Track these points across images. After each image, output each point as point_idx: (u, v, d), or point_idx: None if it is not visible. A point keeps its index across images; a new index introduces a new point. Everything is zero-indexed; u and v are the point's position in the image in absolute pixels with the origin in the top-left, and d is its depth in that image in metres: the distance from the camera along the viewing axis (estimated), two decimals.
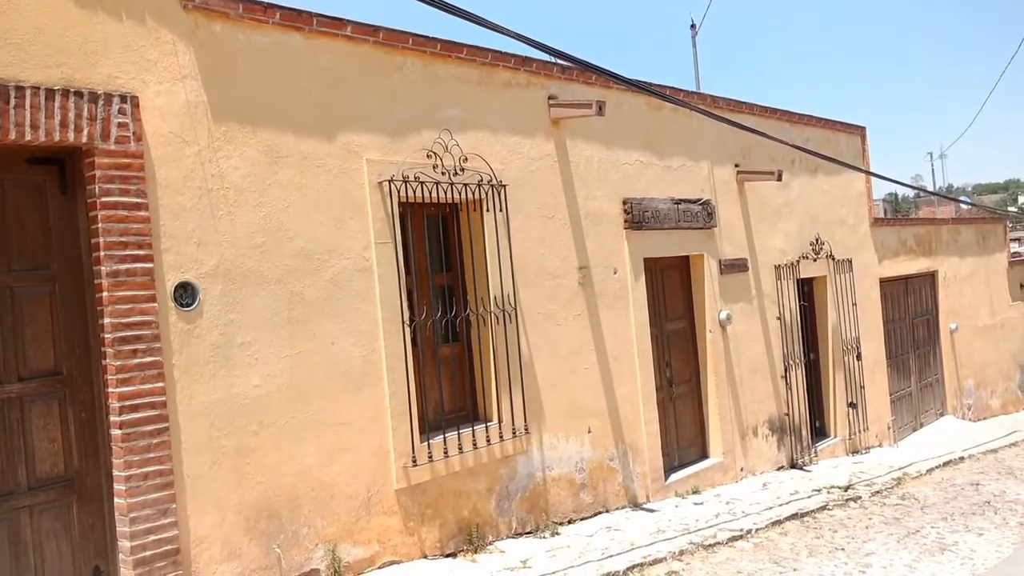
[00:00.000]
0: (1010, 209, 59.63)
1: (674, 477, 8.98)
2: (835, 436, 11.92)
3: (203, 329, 5.20)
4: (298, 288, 5.70)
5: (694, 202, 9.38)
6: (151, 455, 4.88)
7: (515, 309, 7.15)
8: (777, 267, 10.82)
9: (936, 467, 11.42)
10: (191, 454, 5.09)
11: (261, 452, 5.43)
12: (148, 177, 4.98)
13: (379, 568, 6.02)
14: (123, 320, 4.81)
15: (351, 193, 6.07)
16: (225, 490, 5.24)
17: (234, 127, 5.42)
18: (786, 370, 10.78)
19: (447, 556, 6.48)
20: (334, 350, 5.89)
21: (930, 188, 37.67)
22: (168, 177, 5.09)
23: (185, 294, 5.12)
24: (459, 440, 6.62)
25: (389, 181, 6.24)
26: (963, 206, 30.24)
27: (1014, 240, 28.05)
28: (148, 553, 4.81)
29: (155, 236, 5.00)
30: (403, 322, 6.28)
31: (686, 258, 9.62)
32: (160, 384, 4.95)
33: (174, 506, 4.96)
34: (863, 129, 13.45)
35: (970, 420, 16.30)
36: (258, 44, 5.60)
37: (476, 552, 6.59)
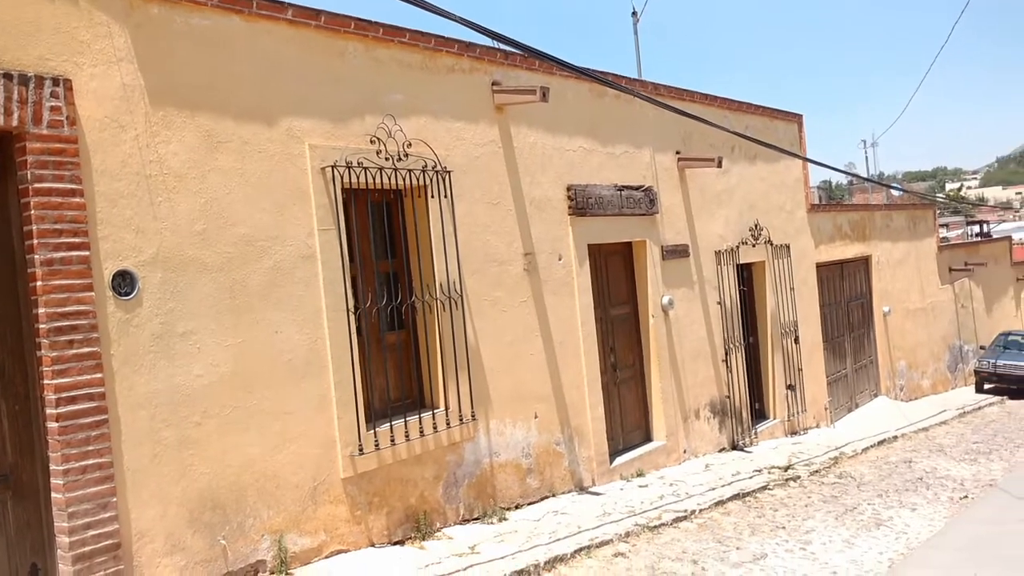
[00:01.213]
0: (938, 196, 61.46)
1: (619, 460, 9.08)
2: (774, 418, 12.18)
3: (143, 318, 5.08)
4: (240, 276, 5.60)
5: (636, 189, 9.46)
6: (90, 448, 4.76)
7: (461, 295, 7.13)
8: (717, 253, 10.98)
9: (871, 446, 11.75)
10: (132, 446, 4.98)
11: (204, 443, 5.33)
12: (83, 162, 4.84)
13: (326, 557, 5.97)
14: (58, 310, 4.67)
15: (293, 179, 5.98)
16: (167, 482, 5.14)
17: (172, 112, 5.29)
18: (727, 354, 10.97)
19: (395, 544, 6.46)
20: (278, 339, 5.81)
21: (863, 175, 38.57)
22: (104, 163, 4.95)
23: (123, 282, 4.99)
24: (406, 428, 6.60)
25: (332, 167, 6.17)
26: (894, 193, 31.07)
27: (942, 226, 28.95)
28: (87, 548, 4.70)
29: (91, 223, 4.86)
30: (348, 309, 6.22)
31: (629, 244, 9.70)
32: (98, 375, 4.82)
33: (114, 499, 4.84)
34: (800, 117, 13.72)
35: (902, 400, 16.81)
36: (196, 27, 5.46)
37: (424, 539, 6.58)
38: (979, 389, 19.43)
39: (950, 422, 14.68)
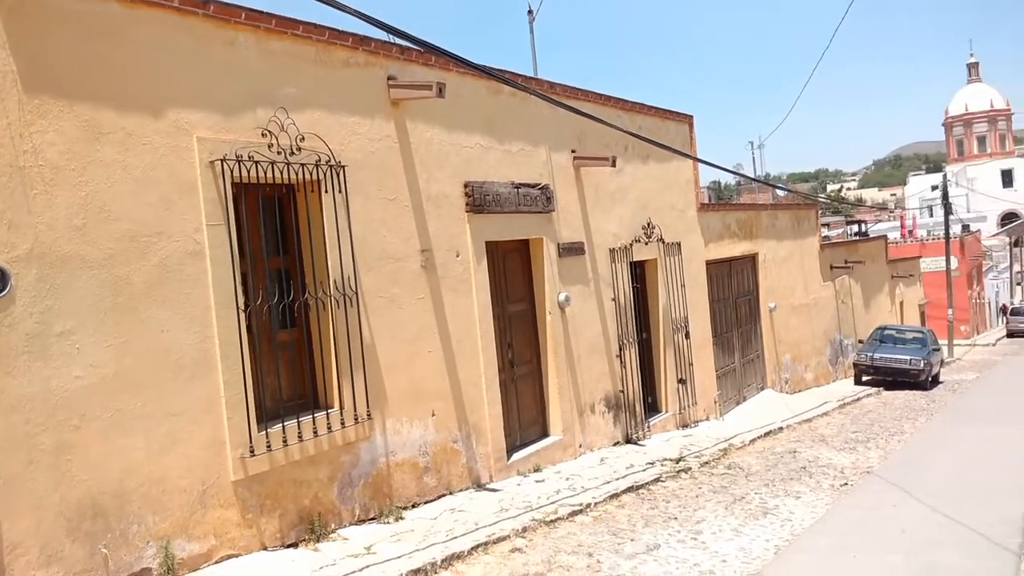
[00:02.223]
0: (820, 197, 64.13)
1: (516, 456, 9.13)
2: (666, 411, 12.47)
3: (15, 318, 4.81)
4: (124, 272, 5.38)
5: (533, 186, 9.53)
6: None
7: (356, 293, 7.03)
8: (612, 250, 11.17)
9: (758, 437, 12.17)
10: (3, 453, 4.72)
11: (84, 448, 5.09)
12: None
13: (216, 563, 5.80)
14: None
15: (180, 172, 5.77)
16: (44, 490, 4.89)
17: (48, 100, 5.03)
18: (621, 349, 11.16)
19: (288, 547, 6.32)
20: (164, 338, 5.60)
21: (750, 176, 39.91)
22: None
23: None
24: (299, 428, 6.46)
25: (221, 160, 5.98)
26: (780, 193, 32.26)
27: (824, 225, 30.25)
28: None
29: None
30: (238, 307, 6.05)
31: (526, 241, 9.76)
32: None
33: None
34: (691, 118, 14.06)
35: (787, 393, 17.47)
36: (74, 11, 5.20)
37: (318, 541, 6.46)
38: (858, 381, 20.36)
39: (831, 413, 15.34)
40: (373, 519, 7.09)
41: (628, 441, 11.18)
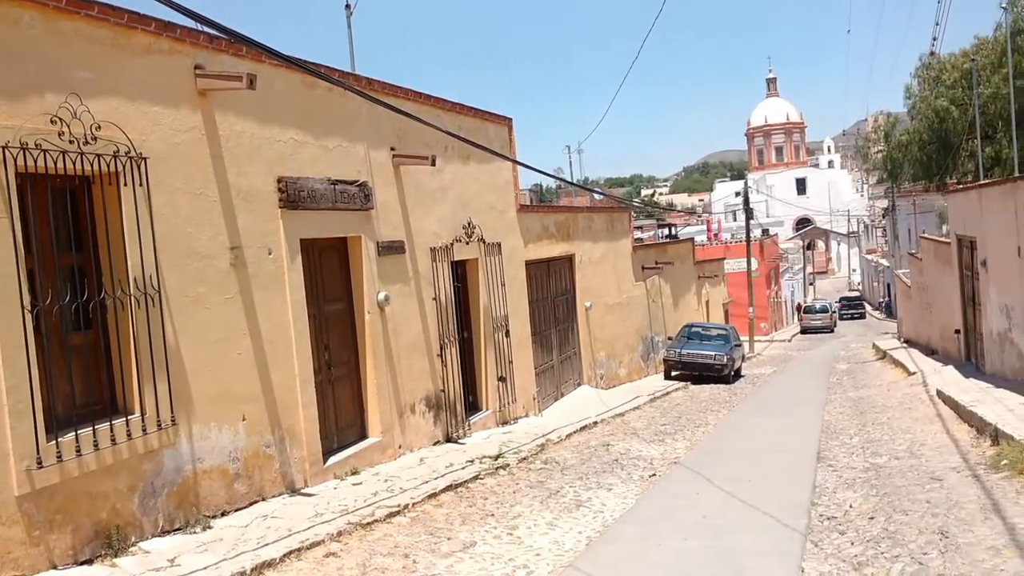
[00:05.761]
0: (635, 201, 67.02)
1: (333, 459, 8.94)
2: (487, 409, 12.61)
3: None
4: None
5: (351, 183, 9.37)
6: None
7: (159, 292, 6.65)
8: (433, 249, 11.16)
9: (574, 432, 12.52)
10: None
11: None
12: None
13: None
14: None
15: None
16: None
17: None
18: (442, 348, 11.18)
19: (82, 564, 5.89)
20: None
21: (569, 180, 41.10)
22: None
23: None
24: (95, 436, 6.04)
25: (3, 148, 5.49)
26: (596, 197, 33.41)
27: (637, 228, 31.60)
28: None
29: None
30: (23, 307, 5.57)
31: (344, 239, 9.59)
32: None
33: None
34: (510, 120, 14.28)
35: (602, 388, 18.11)
36: None
37: (116, 556, 6.06)
38: (667, 376, 21.38)
39: (643, 407, 16.03)
40: (179, 530, 6.74)
41: (449, 440, 11.22)
